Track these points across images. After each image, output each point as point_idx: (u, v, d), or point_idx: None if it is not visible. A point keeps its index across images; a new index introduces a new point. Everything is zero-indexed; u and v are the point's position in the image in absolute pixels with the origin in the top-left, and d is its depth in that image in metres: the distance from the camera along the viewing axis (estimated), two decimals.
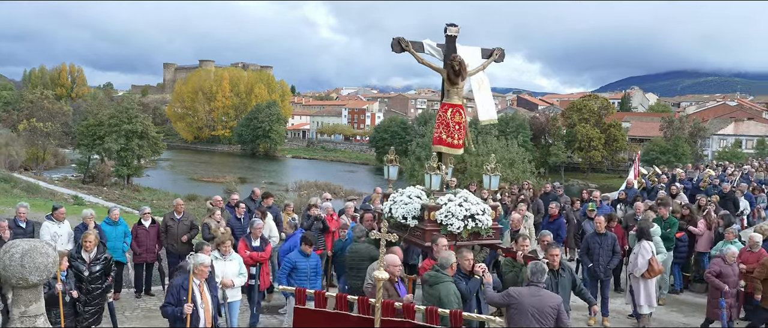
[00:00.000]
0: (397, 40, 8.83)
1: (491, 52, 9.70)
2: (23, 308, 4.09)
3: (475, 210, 8.23)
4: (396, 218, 8.70)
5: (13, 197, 34.60)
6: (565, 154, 77.32)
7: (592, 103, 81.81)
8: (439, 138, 8.93)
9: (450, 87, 8.86)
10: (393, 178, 10.32)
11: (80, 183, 54.45)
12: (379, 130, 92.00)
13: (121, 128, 54.05)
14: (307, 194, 41.89)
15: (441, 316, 4.73)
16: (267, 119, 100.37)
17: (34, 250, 4.06)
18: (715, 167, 26.71)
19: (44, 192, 43.44)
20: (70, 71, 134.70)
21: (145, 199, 44.51)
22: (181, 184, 62.26)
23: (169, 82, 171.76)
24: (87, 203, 37.04)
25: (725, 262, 9.76)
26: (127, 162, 55.23)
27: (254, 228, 9.51)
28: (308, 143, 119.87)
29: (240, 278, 8.21)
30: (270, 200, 12.40)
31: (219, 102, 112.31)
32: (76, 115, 74.74)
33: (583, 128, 75.83)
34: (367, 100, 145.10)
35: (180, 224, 11.20)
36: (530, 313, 6.22)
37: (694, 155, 71.46)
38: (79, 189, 49.33)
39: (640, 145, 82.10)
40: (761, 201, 16.30)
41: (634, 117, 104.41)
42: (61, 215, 10.34)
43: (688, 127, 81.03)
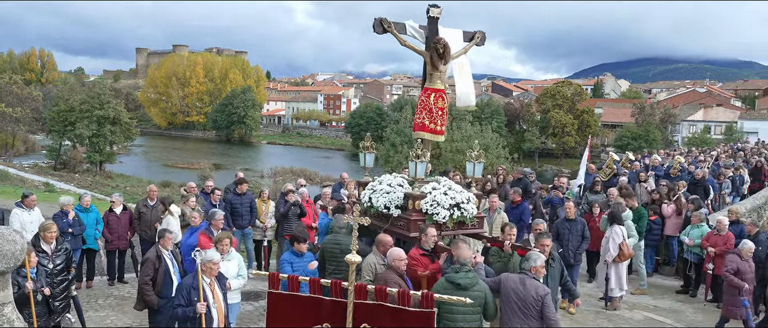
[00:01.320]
0: (379, 21, 8.42)
1: (473, 35, 9.30)
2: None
3: (460, 198, 8.03)
4: (377, 208, 8.34)
5: None
6: (539, 139, 77.97)
7: (566, 90, 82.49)
8: (422, 124, 8.49)
9: (433, 71, 8.48)
10: (369, 165, 9.99)
11: (51, 170, 53.68)
12: (355, 116, 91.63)
13: (93, 114, 53.35)
14: (283, 180, 41.75)
15: (413, 297, 4.75)
16: (242, 105, 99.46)
17: (1, 237, 3.98)
18: (685, 154, 27.13)
19: (14, 179, 42.78)
20: (40, 56, 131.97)
21: (118, 186, 44.02)
22: (154, 170, 61.69)
23: (142, 67, 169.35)
24: (58, 190, 36.60)
25: (742, 258, 9.33)
26: (99, 148, 54.57)
27: (215, 220, 8.76)
28: (284, 129, 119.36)
29: (239, 280, 7.53)
30: (244, 186, 12.29)
31: (193, 88, 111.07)
32: (47, 100, 73.46)
33: (557, 114, 76.51)
34: (342, 86, 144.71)
35: (153, 211, 11.10)
36: (513, 300, 6.20)
37: (665, 141, 72.58)
38: (51, 176, 48.66)
39: (612, 130, 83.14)
40: (725, 187, 16.53)
41: (607, 103, 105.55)
42: (31, 203, 10.13)
43: (659, 113, 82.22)
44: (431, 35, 8.56)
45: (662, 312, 10.72)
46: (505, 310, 6.28)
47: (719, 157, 23.54)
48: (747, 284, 9.03)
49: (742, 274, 9.08)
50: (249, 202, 12.03)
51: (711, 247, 11.26)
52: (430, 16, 8.69)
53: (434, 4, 8.64)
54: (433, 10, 8.64)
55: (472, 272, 6.12)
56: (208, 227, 8.76)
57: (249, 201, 12.04)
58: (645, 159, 20.98)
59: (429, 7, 8.65)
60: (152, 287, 7.37)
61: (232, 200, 11.90)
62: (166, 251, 7.59)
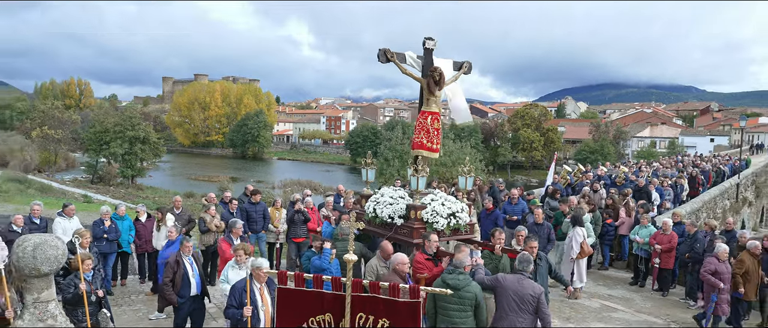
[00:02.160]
0: (383, 52, 8.32)
1: (461, 65, 9.21)
2: (36, 295, 4.01)
3: (455, 208, 7.99)
4: (382, 218, 8.27)
5: (28, 197, 33.83)
6: (511, 154, 78.37)
7: (533, 111, 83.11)
8: (421, 143, 8.34)
9: (429, 95, 8.35)
10: (371, 179, 9.92)
11: (89, 183, 53.31)
12: (353, 135, 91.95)
13: (126, 134, 53.28)
14: (291, 190, 41.66)
15: (402, 289, 4.76)
16: (255, 126, 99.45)
17: (45, 243, 3.98)
18: (629, 165, 27.31)
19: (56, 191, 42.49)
20: (78, 84, 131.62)
21: (147, 197, 43.75)
22: (179, 183, 61.39)
23: (168, 93, 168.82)
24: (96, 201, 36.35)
25: (719, 260, 9.01)
26: (131, 164, 54.41)
27: (235, 228, 8.72)
28: (291, 147, 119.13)
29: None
30: (258, 196, 12.25)
31: (212, 111, 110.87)
32: (84, 123, 73.02)
33: (526, 132, 77.08)
34: (342, 109, 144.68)
35: (179, 218, 11.05)
36: (512, 298, 6.06)
37: (618, 154, 72.94)
38: (88, 188, 48.34)
39: (572, 146, 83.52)
40: (667, 195, 16.66)
41: (568, 122, 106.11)
42: (71, 212, 10.14)
43: (612, 130, 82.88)
44: (427, 64, 8.51)
45: (616, 300, 10.80)
46: (503, 306, 6.12)
47: (658, 169, 23.74)
48: (723, 284, 8.79)
49: (720, 274, 8.85)
50: (262, 210, 11.97)
51: (658, 245, 11.40)
52: (426, 48, 8.60)
53: (429, 38, 8.58)
54: (429, 42, 8.58)
55: (464, 274, 6.03)
56: (228, 234, 8.72)
57: (262, 209, 11.98)
58: (597, 170, 21.09)
59: (425, 40, 8.59)
60: (172, 287, 7.35)
61: (247, 208, 11.86)
62: (186, 257, 7.51)
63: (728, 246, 10.56)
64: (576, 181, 17.57)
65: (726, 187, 22.66)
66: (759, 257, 9.26)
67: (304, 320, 4.92)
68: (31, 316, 4.00)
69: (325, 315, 4.87)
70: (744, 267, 9.04)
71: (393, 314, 4.64)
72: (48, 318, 4.02)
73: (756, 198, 30.54)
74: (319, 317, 4.89)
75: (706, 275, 8.91)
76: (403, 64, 8.42)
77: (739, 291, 9.03)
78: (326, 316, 4.86)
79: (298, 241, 11.53)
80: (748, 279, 9.05)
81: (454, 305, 5.88)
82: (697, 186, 19.91)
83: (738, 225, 18.15)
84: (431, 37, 8.58)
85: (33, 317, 4.00)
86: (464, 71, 9.21)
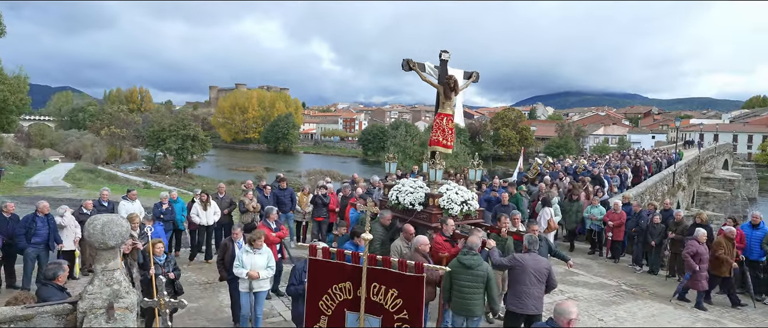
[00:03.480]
0: (406, 61, 7.85)
1: (471, 74, 8.71)
2: (104, 264, 3.98)
3: (467, 196, 7.66)
4: (404, 205, 7.88)
5: (98, 184, 34.08)
6: (493, 148, 78.13)
7: (511, 114, 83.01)
8: (437, 140, 7.91)
9: (445, 100, 7.88)
10: (393, 172, 9.51)
11: (148, 173, 53.55)
12: (365, 133, 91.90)
13: (179, 133, 53.43)
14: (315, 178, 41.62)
15: (408, 265, 4.71)
16: (285, 126, 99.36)
17: (111, 221, 3.95)
18: (587, 158, 27.24)
19: (121, 180, 42.75)
20: (140, 91, 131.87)
21: (197, 184, 43.87)
22: (223, 172, 61.51)
23: (214, 99, 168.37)
24: (154, 188, 36.47)
25: (699, 242, 8.55)
26: (183, 157, 54.52)
27: (272, 214, 8.11)
28: (315, 143, 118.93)
29: (267, 271, 6.55)
30: (284, 183, 12.15)
31: (250, 114, 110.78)
32: (145, 123, 73.35)
33: (504, 131, 76.97)
34: (356, 112, 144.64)
35: (222, 201, 11.03)
36: (531, 273, 5.89)
37: (578, 149, 72.70)
38: (148, 177, 48.60)
39: (542, 142, 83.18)
40: (615, 181, 16.56)
41: (539, 123, 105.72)
42: (133, 196, 10.09)
43: (573, 129, 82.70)
44: (443, 73, 8.06)
45: (577, 267, 10.69)
46: (525, 281, 5.87)
47: (610, 161, 23.69)
48: (698, 267, 8.39)
49: (700, 255, 8.45)
50: (290, 194, 11.87)
51: (610, 221, 11.40)
52: (442, 59, 8.17)
53: (445, 50, 8.19)
54: (444, 54, 8.17)
55: (477, 255, 5.80)
56: (265, 219, 8.14)
57: (290, 193, 11.88)
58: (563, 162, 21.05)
59: (441, 52, 8.13)
60: (222, 265, 6.94)
61: (277, 193, 11.80)
62: (236, 241, 6.95)
63: (666, 220, 10.60)
64: (546, 171, 17.47)
65: (664, 175, 22.62)
66: (733, 240, 8.87)
67: (329, 286, 4.93)
68: (100, 281, 3.98)
69: (346, 283, 4.85)
70: (722, 248, 8.74)
71: (401, 285, 4.60)
72: (114, 283, 4.00)
73: (688, 184, 30.53)
74: (341, 285, 4.87)
75: (687, 257, 8.49)
76: (423, 72, 8.04)
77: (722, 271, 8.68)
78: (347, 284, 4.84)
79: (319, 220, 11.47)
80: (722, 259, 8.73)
81: (467, 282, 5.69)
82: (640, 175, 19.78)
83: (674, 205, 18.11)
84: (446, 50, 8.19)
85: (101, 282, 3.98)
86: (473, 80, 8.73)
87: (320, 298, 4.96)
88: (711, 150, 47.89)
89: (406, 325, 4.58)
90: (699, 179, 36.15)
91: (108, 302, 3.86)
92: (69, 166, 49.29)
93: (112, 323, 3.62)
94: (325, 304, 4.94)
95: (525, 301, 5.88)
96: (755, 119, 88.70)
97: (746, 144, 77.77)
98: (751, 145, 77.44)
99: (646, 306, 8.58)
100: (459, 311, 5.81)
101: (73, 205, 10.38)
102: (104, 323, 3.61)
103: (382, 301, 4.66)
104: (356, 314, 4.74)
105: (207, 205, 10.44)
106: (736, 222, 9.61)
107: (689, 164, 31.24)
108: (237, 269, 6.43)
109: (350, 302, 4.81)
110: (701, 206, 32.80)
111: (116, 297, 3.92)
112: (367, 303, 4.68)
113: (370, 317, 4.70)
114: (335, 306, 4.90)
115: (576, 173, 16.63)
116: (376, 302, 4.69)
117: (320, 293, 4.97)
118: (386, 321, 4.65)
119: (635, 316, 7.98)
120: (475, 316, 5.81)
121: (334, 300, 4.89)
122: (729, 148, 60.66)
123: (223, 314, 7.35)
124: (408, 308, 4.57)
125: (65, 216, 8.84)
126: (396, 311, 4.61)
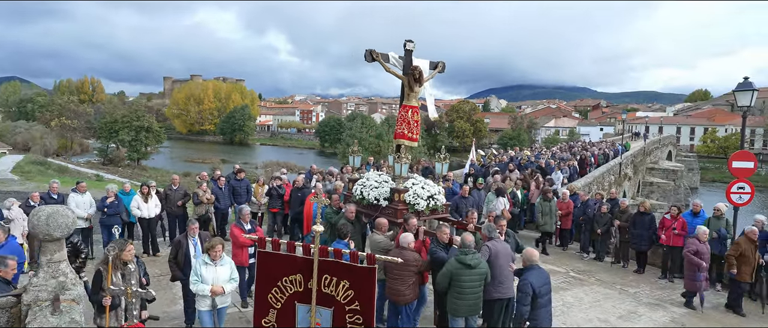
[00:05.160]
0: (369, 52, 7.39)
1: (436, 65, 8.30)
2: (49, 256, 3.81)
3: (434, 191, 7.35)
4: (368, 200, 7.51)
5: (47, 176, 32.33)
6: (448, 140, 79.11)
7: (465, 106, 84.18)
8: (402, 133, 7.59)
9: (410, 92, 7.55)
10: (357, 165, 9.17)
11: (101, 165, 51.16)
12: (322, 125, 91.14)
13: (133, 124, 51.38)
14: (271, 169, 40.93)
15: (360, 256, 4.70)
16: (241, 118, 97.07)
17: (56, 213, 3.77)
18: (532, 149, 27.98)
19: (72, 172, 40.62)
20: (91, 82, 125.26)
21: (150, 176, 42.22)
22: (178, 164, 59.50)
23: (168, 91, 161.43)
24: (106, 180, 34.91)
25: (700, 241, 8.11)
26: (137, 149, 52.54)
27: (243, 214, 7.24)
28: (271, 134, 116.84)
29: (231, 284, 5.63)
30: (242, 174, 11.95)
31: (206, 105, 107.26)
32: (97, 115, 69.84)
33: (459, 123, 78.05)
34: (313, 104, 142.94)
35: (176, 193, 10.70)
36: (502, 256, 6.02)
37: (530, 141, 74.81)
38: (100, 169, 46.45)
39: (495, 134, 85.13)
40: (564, 173, 17.01)
41: (492, 115, 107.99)
42: (83, 188, 9.66)
43: (526, 121, 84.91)
44: (408, 64, 7.69)
45: None
46: (501, 265, 5.98)
47: (556, 152, 24.31)
48: (705, 264, 7.95)
49: (701, 254, 8.00)
50: (245, 185, 11.69)
51: (559, 210, 11.75)
52: (407, 50, 7.79)
53: (410, 40, 7.83)
54: (409, 44, 7.82)
55: (477, 254, 5.73)
56: (238, 220, 7.35)
57: (245, 185, 11.70)
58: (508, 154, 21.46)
59: (405, 42, 7.77)
60: (175, 264, 6.41)
61: (233, 184, 11.57)
62: (191, 238, 6.42)
63: (612, 209, 11.03)
64: (489, 163, 17.78)
65: (611, 165, 23.37)
66: (756, 241, 8.13)
67: (279, 279, 4.80)
68: (45, 273, 3.79)
69: (297, 275, 4.75)
70: (740, 250, 8.03)
71: (352, 276, 4.58)
72: (60, 275, 3.82)
73: (634, 174, 31.83)
74: (291, 277, 4.76)
75: (690, 255, 8.03)
76: (387, 63, 7.58)
77: (732, 271, 8.05)
78: (297, 276, 4.74)
79: (275, 211, 11.33)
80: (744, 262, 8.01)
81: (469, 280, 5.59)
82: (585, 166, 20.31)
83: (620, 195, 18.94)
84: (411, 40, 7.78)
85: (46, 274, 3.80)
86: (439, 70, 8.35)
87: (269, 291, 4.83)
88: (656, 142, 49.62)
89: (358, 316, 4.56)
90: (644, 170, 37.73)
91: (53, 294, 3.69)
92: (17, 158, 46.37)
93: (58, 315, 3.46)
94: (275, 297, 4.82)
95: (506, 284, 6.03)
96: (697, 112, 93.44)
97: (689, 136, 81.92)
98: (693, 137, 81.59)
99: (592, 292, 8.96)
100: (460, 311, 5.66)
101: (21, 198, 9.83)
102: (49, 316, 3.45)
103: (334, 293, 4.60)
104: (307, 306, 4.66)
105: (148, 197, 10.07)
106: (679, 210, 9.93)
107: (635, 155, 32.52)
108: (196, 286, 5.47)
109: (301, 294, 4.71)
110: (646, 195, 34.14)
111: (62, 289, 3.75)
112: (318, 295, 4.60)
113: (322, 309, 4.64)
114: (285, 299, 4.78)
115: (520, 164, 17.05)
116: (327, 293, 4.62)
117: (270, 285, 4.83)
118: (337, 313, 4.61)
119: (582, 301, 8.32)
120: (477, 314, 5.81)
121: (285, 293, 4.78)
122: (673, 140, 63.81)
123: (177, 306, 7.15)
124: (359, 300, 4.54)
125: (12, 209, 8.52)
126: (347, 303, 4.57)
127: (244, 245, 6.88)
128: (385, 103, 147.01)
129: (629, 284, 9.62)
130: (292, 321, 4.79)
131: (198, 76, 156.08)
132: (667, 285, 9.60)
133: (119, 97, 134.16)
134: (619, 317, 7.86)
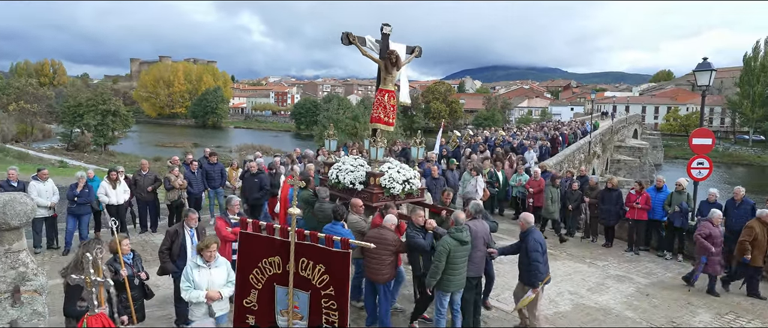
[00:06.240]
0: (345, 35, 7.33)
1: (413, 49, 8.29)
2: (8, 246, 3.62)
3: (409, 175, 7.34)
4: (344, 184, 7.48)
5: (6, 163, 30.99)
6: (424, 121, 79.35)
7: (441, 87, 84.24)
8: (378, 117, 7.52)
9: (386, 75, 7.48)
10: (333, 149, 9.10)
11: (65, 151, 49.35)
12: (297, 107, 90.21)
13: (98, 108, 49.45)
14: (246, 153, 40.34)
15: (334, 241, 4.68)
16: (213, 100, 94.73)
17: (14, 200, 3.58)
18: (506, 129, 28.36)
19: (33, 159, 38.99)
20: (52, 64, 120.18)
21: (118, 161, 41.04)
22: (147, 149, 58.00)
23: (135, 73, 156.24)
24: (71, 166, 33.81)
25: (713, 224, 8.00)
26: (103, 134, 50.61)
27: (231, 205, 6.72)
28: (245, 117, 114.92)
29: (228, 288, 5.12)
30: (215, 158, 11.72)
31: (176, 88, 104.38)
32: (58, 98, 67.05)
33: (435, 104, 78.22)
34: (288, 86, 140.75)
35: (145, 178, 10.43)
36: (480, 237, 6.13)
37: (504, 121, 75.72)
38: (64, 155, 44.79)
39: (470, 114, 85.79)
40: (535, 151, 17.32)
41: (467, 96, 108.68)
42: (43, 176, 9.30)
43: (500, 102, 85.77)
44: (384, 48, 7.62)
45: (503, 232, 11.23)
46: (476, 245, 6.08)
47: (530, 132, 24.74)
48: (714, 248, 7.83)
49: (713, 238, 7.90)
50: (219, 169, 11.49)
51: (531, 188, 12.01)
52: (384, 33, 7.75)
53: (386, 24, 7.75)
54: (386, 28, 7.74)
55: (467, 230, 5.88)
56: (225, 212, 6.89)
57: (219, 169, 11.50)
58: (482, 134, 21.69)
59: (382, 26, 7.72)
60: (169, 255, 6.05)
61: (206, 168, 11.36)
62: (189, 228, 6.11)
63: (582, 186, 11.30)
64: (465, 144, 17.94)
65: (581, 144, 23.95)
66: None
67: (259, 260, 4.83)
68: (3, 264, 3.61)
69: (275, 258, 4.77)
70: (753, 234, 7.79)
71: (327, 260, 4.58)
72: (19, 265, 3.65)
73: (603, 152, 32.72)
74: (270, 259, 4.79)
75: (700, 239, 7.92)
76: (364, 46, 7.51)
77: (746, 257, 7.83)
78: (276, 258, 4.77)
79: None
80: (756, 246, 7.80)
81: (461, 255, 5.78)
82: (556, 146, 20.75)
83: (589, 172, 19.39)
84: (388, 24, 7.72)
85: (5, 265, 3.62)
86: (416, 55, 8.32)
87: (251, 271, 4.87)
88: (622, 121, 51.03)
89: (332, 301, 4.58)
90: (612, 148, 38.85)
91: (13, 285, 3.53)
92: None
93: (19, 306, 3.31)
94: (256, 277, 4.86)
95: (478, 264, 6.16)
96: (661, 92, 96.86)
97: (653, 115, 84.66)
98: (657, 115, 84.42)
99: (564, 266, 9.25)
100: (451, 287, 5.82)
101: None
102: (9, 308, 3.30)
103: (310, 276, 4.62)
104: (285, 288, 4.68)
105: (116, 183, 9.81)
106: (643, 186, 10.32)
107: (603, 133, 33.44)
108: (188, 293, 4.94)
109: (279, 276, 4.74)
110: (614, 172, 35.23)
111: (23, 280, 3.59)
112: (295, 278, 4.62)
113: (299, 291, 4.66)
114: (265, 280, 4.82)
115: (495, 144, 17.25)
116: (304, 277, 4.64)
117: (251, 266, 4.88)
118: (314, 296, 4.63)
119: (554, 275, 8.51)
120: (462, 288, 5.95)
121: (264, 274, 4.82)
122: (638, 118, 65.56)
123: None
124: (334, 284, 4.55)
125: None
126: (323, 287, 4.58)
127: (226, 238, 6.45)
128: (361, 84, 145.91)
129: (598, 257, 9.94)
130: (271, 303, 4.83)
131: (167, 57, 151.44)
132: (633, 258, 9.97)
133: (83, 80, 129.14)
134: (589, 289, 8.17)
